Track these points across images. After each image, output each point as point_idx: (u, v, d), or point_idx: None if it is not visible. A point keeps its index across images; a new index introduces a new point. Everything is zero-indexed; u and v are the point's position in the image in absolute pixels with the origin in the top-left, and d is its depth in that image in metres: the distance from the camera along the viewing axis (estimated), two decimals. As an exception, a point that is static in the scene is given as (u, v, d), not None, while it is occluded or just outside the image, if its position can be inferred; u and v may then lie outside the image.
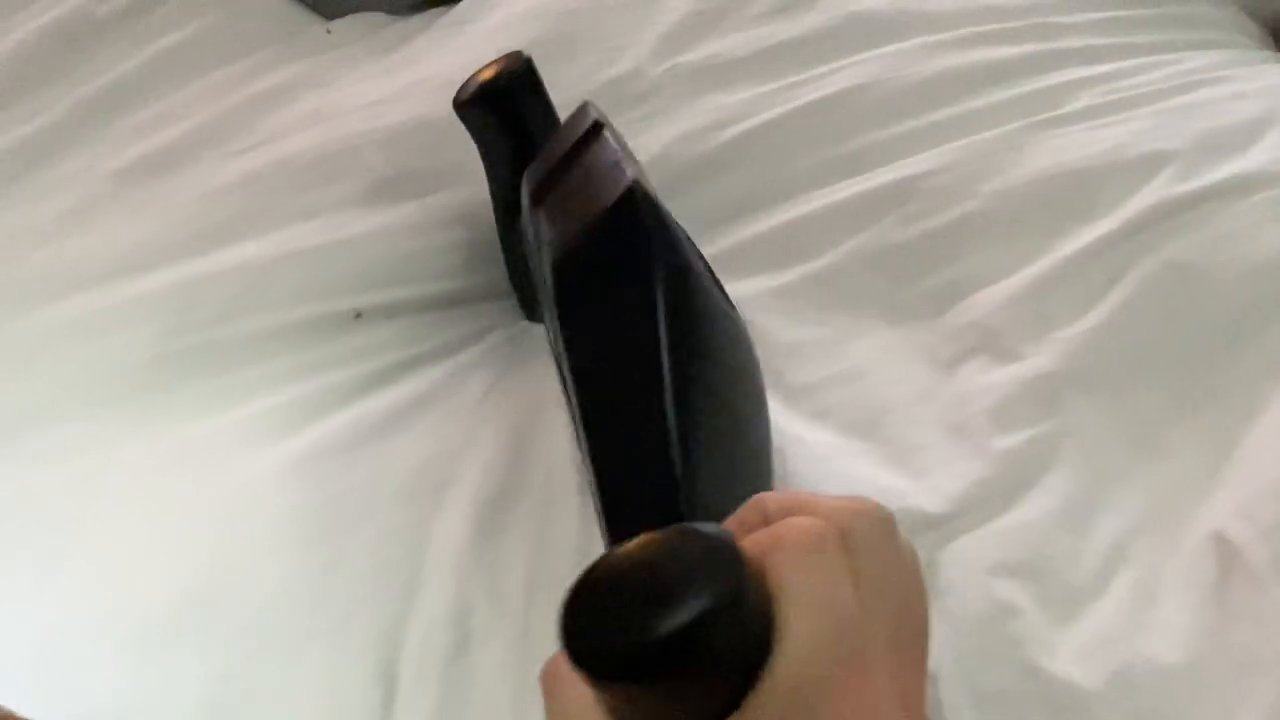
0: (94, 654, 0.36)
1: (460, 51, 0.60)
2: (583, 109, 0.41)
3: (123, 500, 0.41)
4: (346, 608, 0.38)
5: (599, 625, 0.19)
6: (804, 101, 0.58)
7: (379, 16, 0.64)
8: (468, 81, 0.44)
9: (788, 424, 0.46)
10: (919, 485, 0.43)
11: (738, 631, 0.20)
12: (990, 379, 0.46)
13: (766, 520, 0.23)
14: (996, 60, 0.62)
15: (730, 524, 0.24)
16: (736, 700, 0.20)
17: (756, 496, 0.25)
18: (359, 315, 0.47)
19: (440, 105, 0.52)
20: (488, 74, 0.43)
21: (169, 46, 0.62)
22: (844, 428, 0.46)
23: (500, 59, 0.44)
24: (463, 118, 0.45)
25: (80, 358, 0.46)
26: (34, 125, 0.58)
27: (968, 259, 0.51)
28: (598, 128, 0.39)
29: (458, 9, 0.64)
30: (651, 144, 0.56)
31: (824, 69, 0.60)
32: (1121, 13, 0.68)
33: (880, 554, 0.23)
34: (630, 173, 0.35)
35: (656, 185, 0.55)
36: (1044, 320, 0.48)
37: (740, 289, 0.51)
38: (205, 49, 0.62)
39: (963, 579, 0.38)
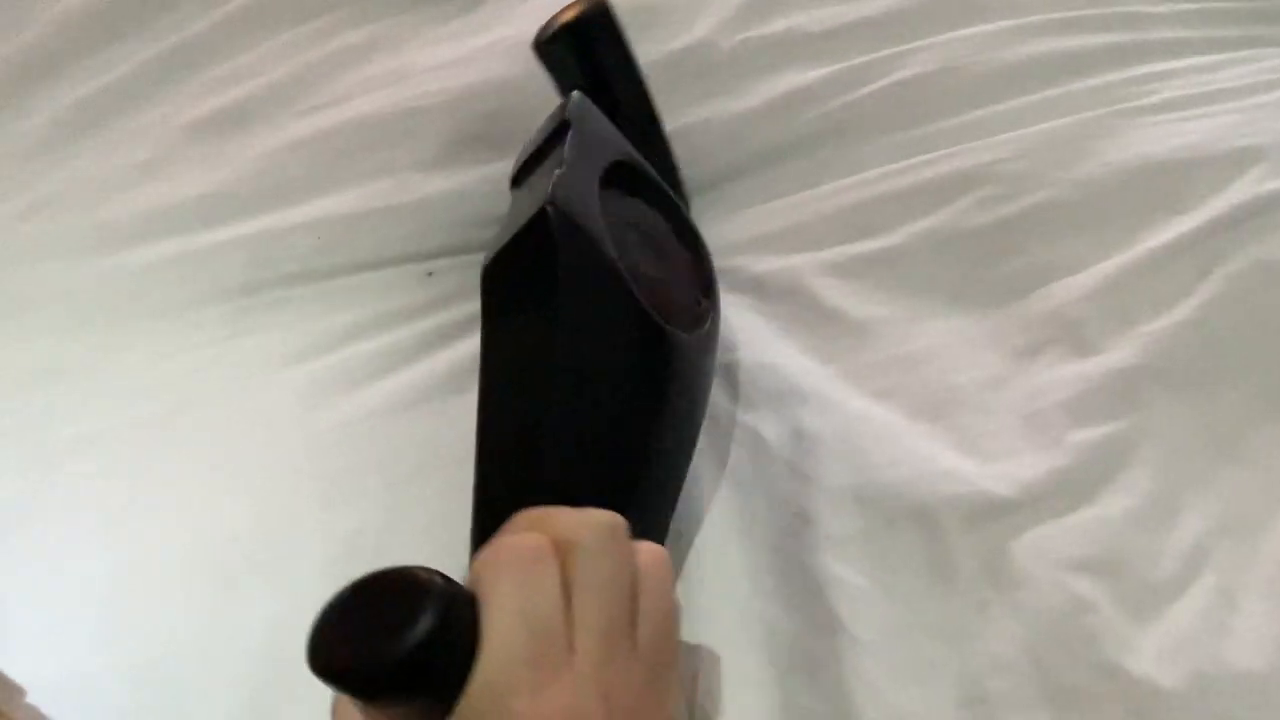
0: (162, 596, 0.36)
1: (531, 16, 0.59)
2: (565, 102, 0.41)
3: (194, 444, 0.41)
4: (408, 560, 0.37)
5: (337, 653, 0.23)
6: (880, 85, 0.56)
7: (452, -21, 0.64)
8: (548, 22, 0.44)
9: (850, 401, 0.45)
10: (988, 470, 0.41)
11: (450, 648, 0.23)
12: (1068, 371, 0.44)
13: None
14: (1080, 48, 0.59)
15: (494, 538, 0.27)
16: None
17: (518, 514, 0.27)
18: (430, 274, 0.46)
19: (512, 68, 0.51)
20: (568, 14, 0.44)
21: (244, 4, 0.62)
22: (910, 409, 0.45)
23: (579, 1, 0.44)
24: (542, 56, 0.45)
25: (158, 304, 0.46)
26: (111, 76, 0.59)
27: (1046, 247, 0.49)
28: (563, 128, 0.39)
29: (529, -25, 0.63)
30: (722, 117, 0.55)
31: (901, 49, 0.58)
32: (1210, 5, 0.65)
33: (600, 561, 0.26)
34: (555, 192, 0.35)
35: (722, 163, 0.55)
36: (1126, 314, 0.46)
37: (804, 263, 0.50)
38: (280, 8, 0.62)
39: (1037, 572, 0.37)
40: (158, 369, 0.44)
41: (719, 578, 0.39)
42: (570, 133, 0.39)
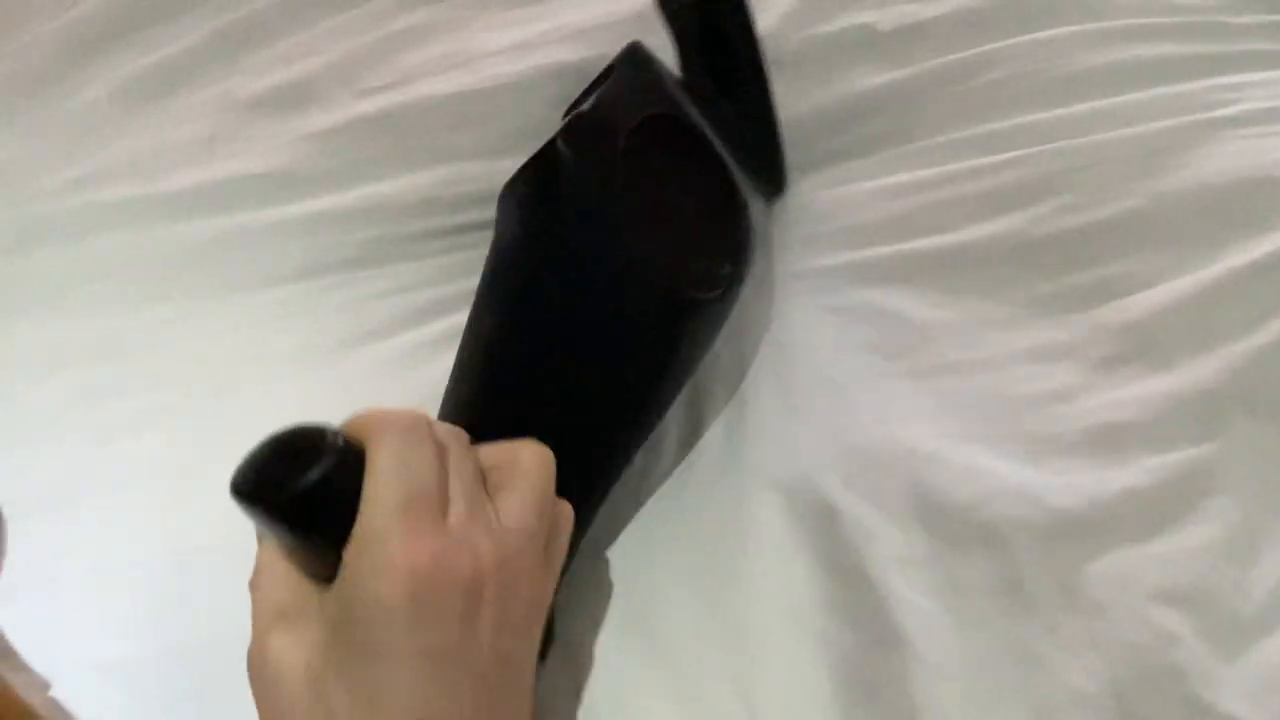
0: (219, 577, 0.35)
1: (592, 2, 0.58)
2: (624, 48, 0.42)
3: (253, 425, 0.40)
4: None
5: (250, 483, 0.28)
6: (953, 89, 0.54)
7: (515, -37, 0.62)
8: None
9: (910, 409, 0.43)
10: (1057, 484, 0.39)
11: (340, 492, 0.27)
12: (1145, 388, 0.42)
13: None
14: (1161, 56, 0.56)
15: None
16: None
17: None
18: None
19: (579, 53, 0.50)
20: None
21: (307, -20, 0.61)
22: (973, 417, 0.42)
23: None
24: (663, 9, 0.45)
25: (217, 282, 0.45)
26: (171, 49, 0.58)
27: (1122, 259, 0.47)
28: (607, 73, 0.40)
29: (594, -39, 0.61)
30: (788, 116, 0.53)
31: (973, 52, 0.56)
32: (1295, 17, 0.62)
33: (461, 442, 0.30)
34: (566, 129, 0.37)
35: (788, 160, 0.53)
36: (1209, 333, 0.43)
37: (868, 259, 0.48)
38: (342, -15, 0.61)
39: (1118, 601, 0.35)
40: (216, 347, 0.43)
41: (778, 592, 0.38)
42: (611, 76, 0.40)
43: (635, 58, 0.41)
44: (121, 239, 0.50)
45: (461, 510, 0.28)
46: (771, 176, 0.50)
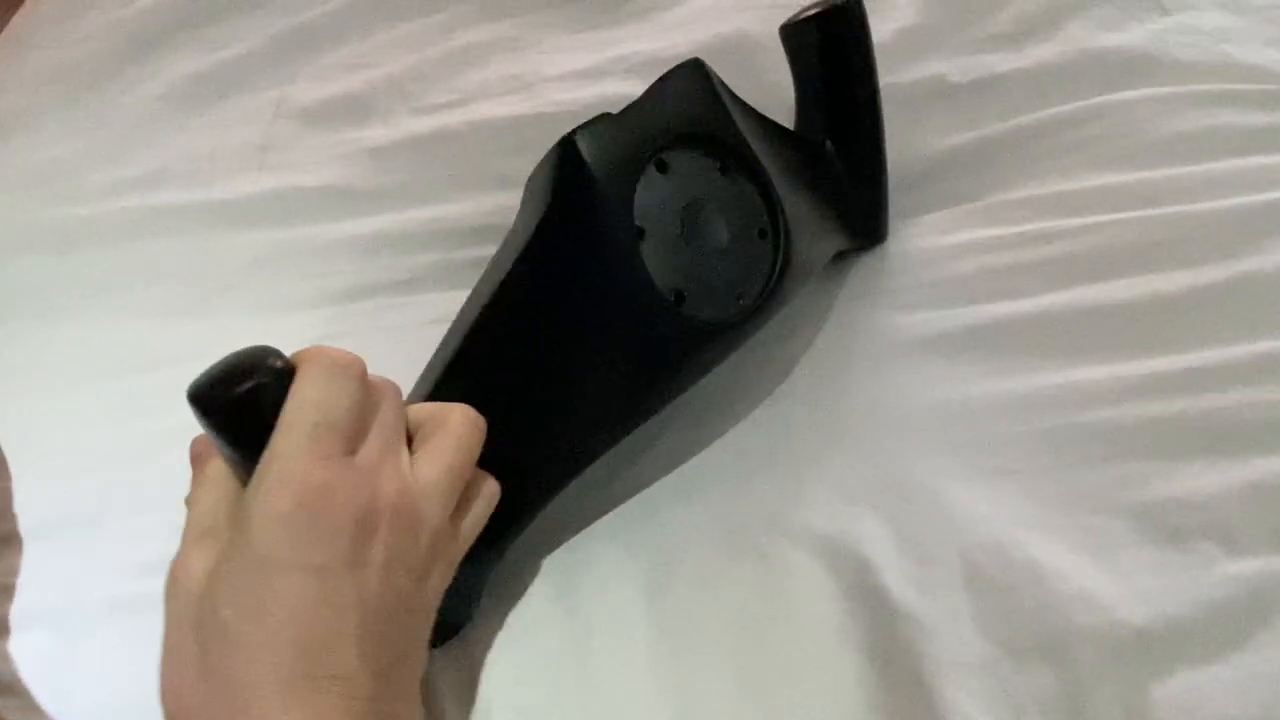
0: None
1: (662, 33, 0.55)
2: (684, 61, 0.41)
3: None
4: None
5: (197, 388, 0.30)
6: (1026, 148, 0.51)
7: (579, -14, 0.59)
8: (805, 8, 0.45)
9: (963, 493, 0.40)
10: (1124, 591, 0.36)
11: (268, 408, 0.29)
12: (1219, 481, 0.39)
13: None
14: (1246, 125, 0.53)
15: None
16: None
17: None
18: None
19: (640, 84, 0.47)
20: (825, 5, 0.44)
21: (368, -10, 0.59)
22: (1035, 501, 0.39)
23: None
24: (785, 38, 0.45)
25: (260, 298, 0.43)
26: (228, 53, 0.56)
27: (1203, 339, 0.44)
28: (655, 85, 0.40)
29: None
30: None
31: (1049, 111, 0.53)
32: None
33: (393, 395, 0.32)
34: (581, 129, 0.37)
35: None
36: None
37: (931, 320, 0.45)
38: (401, -4, 0.59)
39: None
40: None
41: (826, 689, 0.35)
42: (654, 87, 0.38)
43: (690, 72, 0.39)
44: (167, 246, 0.48)
45: (373, 451, 0.29)
46: (871, 223, 0.47)
